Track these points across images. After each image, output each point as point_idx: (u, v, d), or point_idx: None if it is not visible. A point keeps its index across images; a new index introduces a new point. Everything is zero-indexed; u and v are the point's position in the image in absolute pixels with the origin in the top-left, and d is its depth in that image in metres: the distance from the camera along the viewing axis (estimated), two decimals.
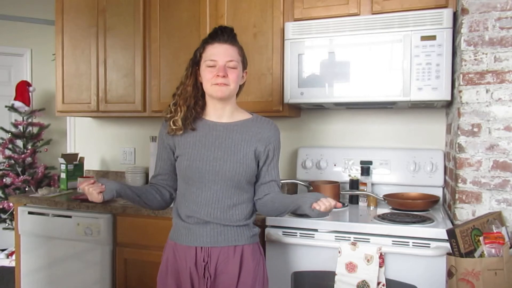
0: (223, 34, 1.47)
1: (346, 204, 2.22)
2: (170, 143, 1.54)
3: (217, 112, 1.53)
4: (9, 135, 4.17)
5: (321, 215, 1.38)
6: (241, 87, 1.58)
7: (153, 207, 1.60)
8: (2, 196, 4.05)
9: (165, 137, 1.55)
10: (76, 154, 2.88)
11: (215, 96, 1.47)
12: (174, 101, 1.52)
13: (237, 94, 1.58)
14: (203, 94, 1.54)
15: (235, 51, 1.48)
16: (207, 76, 1.46)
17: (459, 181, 1.72)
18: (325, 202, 1.35)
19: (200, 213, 1.47)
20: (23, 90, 4.18)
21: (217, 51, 1.46)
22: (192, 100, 1.50)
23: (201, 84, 1.51)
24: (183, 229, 1.50)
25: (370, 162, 2.30)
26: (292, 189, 2.51)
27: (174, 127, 1.49)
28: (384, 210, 2.08)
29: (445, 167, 2.19)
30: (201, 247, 1.46)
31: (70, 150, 3.19)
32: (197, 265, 1.46)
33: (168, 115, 1.52)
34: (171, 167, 1.58)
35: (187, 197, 1.50)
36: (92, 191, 1.37)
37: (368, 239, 1.76)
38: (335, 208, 1.37)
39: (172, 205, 1.64)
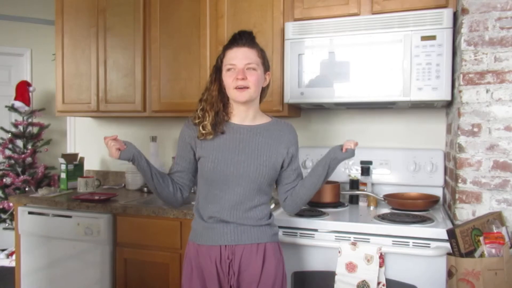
0: (241, 38, 1.50)
1: (346, 204, 2.22)
2: (192, 143, 1.56)
3: (241, 115, 1.56)
4: (9, 135, 4.17)
5: (353, 152, 1.55)
6: (264, 89, 1.61)
7: (161, 195, 1.59)
8: (2, 196, 4.05)
9: (187, 136, 1.57)
10: (76, 154, 2.88)
11: (238, 100, 1.51)
12: (201, 107, 1.54)
13: (262, 98, 1.63)
14: (228, 98, 1.57)
15: (254, 54, 1.51)
16: (228, 81, 1.50)
17: (459, 181, 1.72)
18: (350, 143, 1.54)
19: (222, 214, 1.50)
20: (23, 90, 4.18)
21: (235, 55, 1.49)
22: (220, 104, 1.54)
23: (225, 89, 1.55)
24: (206, 230, 1.52)
25: (370, 162, 2.30)
26: None
27: (204, 132, 1.51)
28: (384, 210, 2.08)
29: (445, 167, 2.19)
30: (225, 246, 1.49)
31: (70, 150, 3.20)
32: (222, 262, 1.49)
33: (197, 120, 1.54)
34: (189, 165, 1.59)
35: (209, 199, 1.53)
36: (112, 146, 1.46)
37: (368, 239, 1.76)
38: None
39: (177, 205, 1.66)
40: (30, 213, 2.38)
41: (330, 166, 1.56)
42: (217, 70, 1.56)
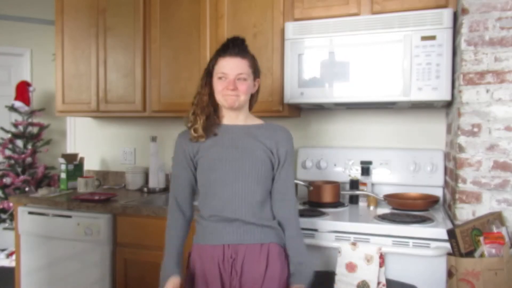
0: (234, 47, 1.52)
1: (346, 204, 2.22)
2: (192, 153, 1.55)
3: (232, 118, 1.58)
4: (9, 135, 4.17)
5: None
6: (254, 95, 1.62)
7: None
8: (2, 196, 4.05)
9: (185, 145, 1.57)
10: (76, 154, 2.88)
11: (226, 104, 1.53)
12: (192, 111, 1.56)
13: (252, 103, 1.63)
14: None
15: (246, 64, 1.53)
16: (218, 87, 1.52)
17: (459, 181, 1.72)
18: None
19: (226, 211, 1.49)
20: (23, 90, 4.18)
21: (227, 64, 1.51)
22: (211, 108, 1.56)
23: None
24: (208, 229, 1.52)
25: (370, 162, 2.30)
26: None
27: (195, 135, 1.53)
28: (384, 210, 2.08)
29: (445, 167, 2.18)
30: (228, 245, 1.48)
31: (70, 150, 3.19)
32: (225, 262, 1.48)
33: (189, 124, 1.56)
34: (189, 186, 1.59)
35: (210, 198, 1.52)
36: None
37: (368, 239, 1.76)
38: None
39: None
40: (30, 213, 2.38)
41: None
42: (208, 73, 1.57)
